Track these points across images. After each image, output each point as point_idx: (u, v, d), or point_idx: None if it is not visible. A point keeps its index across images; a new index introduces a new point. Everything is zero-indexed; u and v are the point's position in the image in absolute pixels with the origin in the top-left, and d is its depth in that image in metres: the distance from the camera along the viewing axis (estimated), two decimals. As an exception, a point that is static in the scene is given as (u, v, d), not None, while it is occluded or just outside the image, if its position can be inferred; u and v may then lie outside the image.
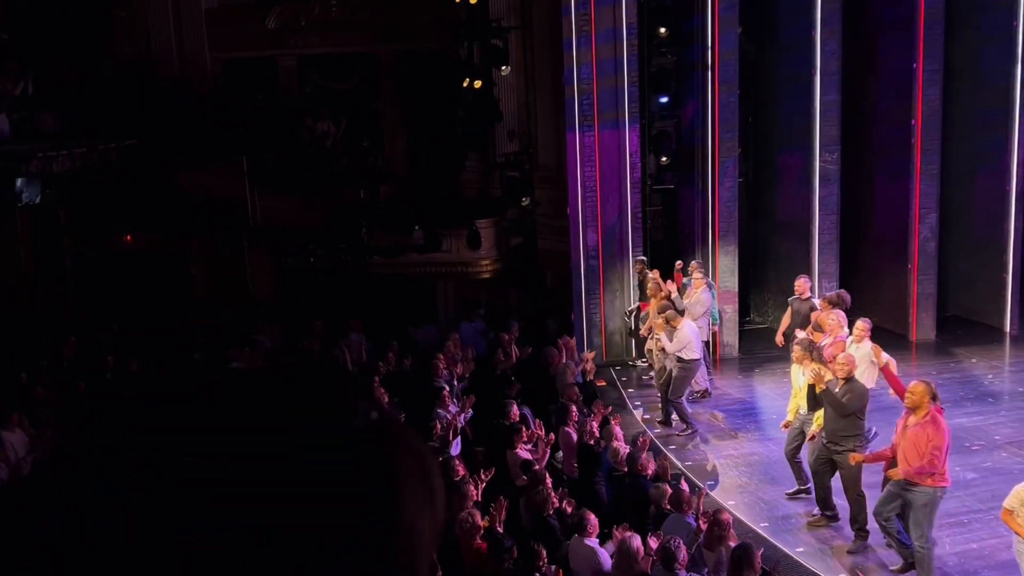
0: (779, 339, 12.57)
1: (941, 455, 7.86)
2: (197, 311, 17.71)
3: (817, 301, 12.06)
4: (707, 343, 13.27)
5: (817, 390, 9.16)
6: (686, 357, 11.79)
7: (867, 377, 9.71)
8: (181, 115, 18.20)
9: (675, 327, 11.83)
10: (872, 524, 8.76)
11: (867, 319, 10.52)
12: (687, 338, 11.77)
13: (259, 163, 18.18)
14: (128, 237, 18.31)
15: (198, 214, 17.61)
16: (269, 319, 16.36)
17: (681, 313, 12.40)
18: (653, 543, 7.84)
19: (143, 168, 17.67)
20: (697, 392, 13.00)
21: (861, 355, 9.84)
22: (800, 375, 9.76)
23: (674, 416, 12.44)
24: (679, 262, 14.15)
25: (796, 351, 9.81)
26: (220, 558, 0.81)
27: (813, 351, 9.64)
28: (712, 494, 10.33)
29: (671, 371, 11.95)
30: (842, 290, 12.11)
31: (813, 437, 9.37)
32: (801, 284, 12.52)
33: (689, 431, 11.99)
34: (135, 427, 0.89)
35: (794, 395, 9.93)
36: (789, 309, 12.68)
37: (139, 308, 17.03)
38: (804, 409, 9.59)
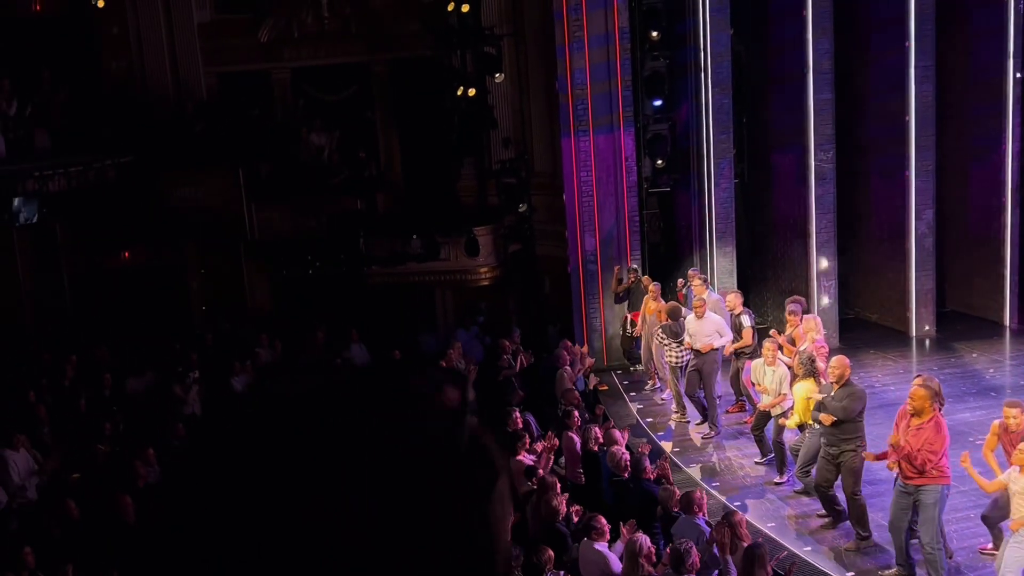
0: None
1: (935, 459, 7.85)
2: (197, 325, 17.70)
3: (745, 318, 12.08)
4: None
5: (811, 405, 9.24)
6: (717, 344, 11.81)
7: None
8: (176, 130, 18.20)
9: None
10: (872, 527, 8.81)
11: (774, 341, 10.74)
12: (718, 322, 11.84)
13: (255, 176, 18.17)
14: (126, 253, 18.29)
15: (195, 228, 17.60)
16: (269, 331, 16.34)
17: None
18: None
19: (139, 184, 17.64)
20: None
21: (778, 378, 10.24)
22: (766, 374, 10.29)
23: (689, 415, 12.45)
24: (681, 280, 14.11)
25: (796, 366, 9.89)
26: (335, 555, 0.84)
27: (808, 364, 9.66)
28: (718, 495, 10.36)
29: (696, 370, 11.93)
30: (797, 296, 12.18)
31: (800, 424, 9.64)
32: (732, 299, 12.47)
33: (713, 433, 11.99)
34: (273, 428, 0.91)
35: (765, 392, 10.41)
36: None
37: (139, 324, 17.00)
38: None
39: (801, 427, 9.85)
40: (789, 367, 10.20)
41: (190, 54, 18.63)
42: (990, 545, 8.46)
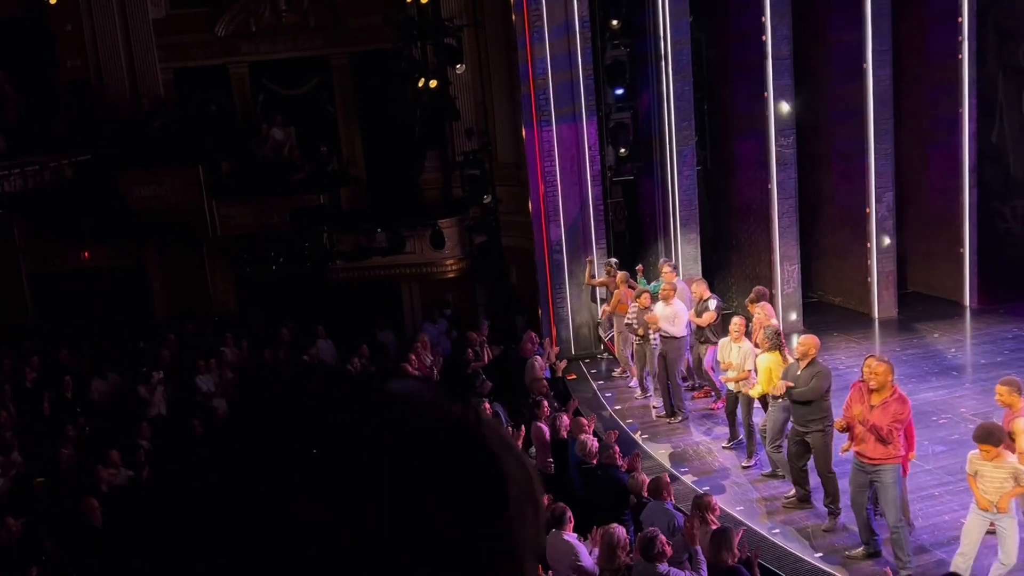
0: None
1: (902, 427, 7.92)
2: (160, 325, 17.52)
3: (712, 302, 12.19)
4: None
5: (776, 392, 9.34)
6: (678, 334, 11.88)
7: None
8: (134, 128, 17.98)
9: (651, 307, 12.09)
10: (844, 502, 8.90)
11: (743, 316, 10.94)
12: (681, 311, 11.92)
13: (216, 173, 17.99)
14: (86, 254, 18.05)
15: (156, 227, 17.40)
16: (234, 330, 16.22)
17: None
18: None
19: (98, 183, 17.41)
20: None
21: (743, 354, 10.36)
22: (732, 351, 10.46)
23: (655, 403, 12.53)
24: (640, 267, 14.20)
25: (762, 340, 9.96)
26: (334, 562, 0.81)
27: (774, 338, 9.80)
28: (687, 480, 10.43)
29: (662, 355, 12.00)
30: (760, 287, 12.27)
31: (765, 398, 9.78)
32: (696, 287, 12.55)
33: (680, 418, 12.07)
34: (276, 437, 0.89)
35: (730, 369, 10.54)
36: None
37: (101, 325, 16.80)
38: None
39: (763, 398, 9.98)
40: (756, 345, 10.29)
41: (146, 50, 18.39)
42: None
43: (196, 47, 18.59)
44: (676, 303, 12.03)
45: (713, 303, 12.15)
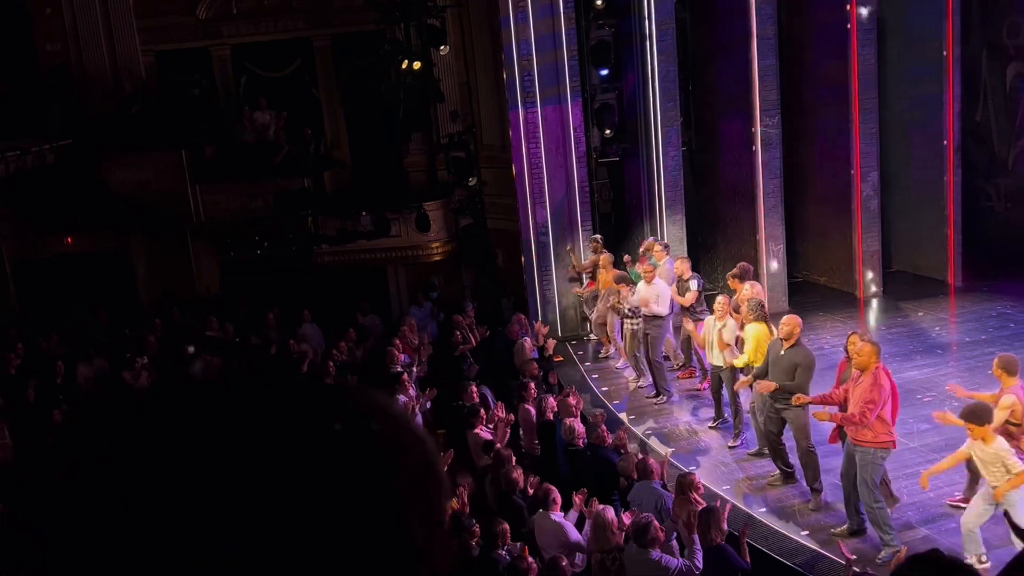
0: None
1: (875, 409, 7.95)
2: (145, 310, 17.43)
3: (693, 282, 12.23)
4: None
5: (759, 347, 9.44)
6: (661, 313, 11.90)
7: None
8: (115, 112, 17.82)
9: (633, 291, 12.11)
10: (826, 480, 8.96)
11: (727, 296, 11.03)
12: (664, 291, 11.93)
13: (199, 157, 17.87)
14: (69, 239, 17.91)
15: (140, 212, 17.28)
16: (219, 315, 16.15)
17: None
18: (627, 519, 7.90)
19: (80, 168, 17.27)
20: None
21: (728, 333, 10.40)
22: (716, 329, 10.50)
23: (642, 383, 12.56)
24: (628, 257, 14.17)
25: (746, 313, 10.03)
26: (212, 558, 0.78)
27: (758, 309, 9.89)
28: (673, 460, 10.47)
29: (646, 334, 12.03)
30: (743, 263, 12.29)
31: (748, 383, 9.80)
32: (679, 264, 12.57)
33: (664, 397, 12.11)
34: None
35: (709, 347, 10.66)
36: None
37: (86, 311, 16.71)
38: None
39: (745, 368, 10.05)
40: (741, 324, 10.33)
41: (126, 33, 18.20)
42: (959, 495, 8.59)
43: (177, 29, 18.41)
44: (659, 283, 12.04)
45: (695, 283, 12.20)
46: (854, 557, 7.57)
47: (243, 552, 0.77)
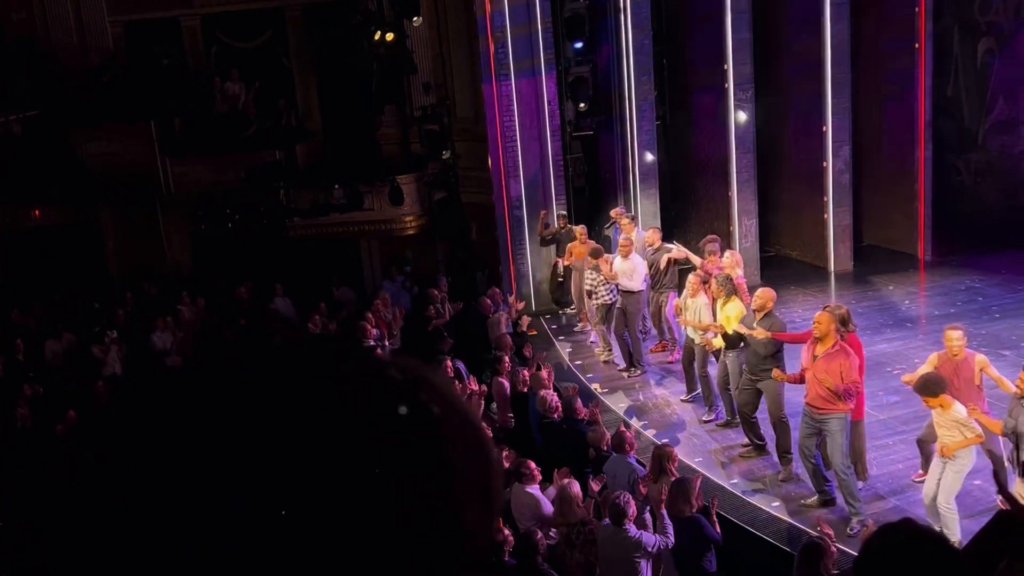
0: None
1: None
2: (116, 284, 17.26)
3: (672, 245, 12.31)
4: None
5: (730, 331, 9.49)
6: (635, 288, 11.93)
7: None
8: (83, 82, 17.55)
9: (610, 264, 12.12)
10: (795, 451, 9.05)
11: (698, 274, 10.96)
12: (639, 265, 11.96)
13: (169, 128, 17.65)
14: (36, 212, 17.67)
15: (109, 184, 17.07)
16: (190, 288, 16.02)
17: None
18: (595, 486, 7.94)
19: (48, 139, 17.02)
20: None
21: (698, 308, 10.46)
22: (688, 306, 10.53)
23: (610, 356, 12.62)
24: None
25: (716, 290, 10.07)
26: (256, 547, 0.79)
27: (728, 284, 9.92)
28: (647, 433, 10.54)
29: (622, 309, 12.06)
30: (712, 235, 12.33)
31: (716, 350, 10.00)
32: (651, 234, 12.61)
33: (639, 371, 12.16)
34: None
35: (686, 323, 10.69)
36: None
37: (55, 285, 16.52)
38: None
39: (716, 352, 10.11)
40: (713, 299, 10.36)
41: (93, 2, 17.89)
42: (921, 472, 8.72)
43: (146, -1, 18.13)
44: (634, 257, 12.07)
45: (672, 247, 12.31)
46: (832, 532, 7.66)
47: (305, 522, 0.79)
